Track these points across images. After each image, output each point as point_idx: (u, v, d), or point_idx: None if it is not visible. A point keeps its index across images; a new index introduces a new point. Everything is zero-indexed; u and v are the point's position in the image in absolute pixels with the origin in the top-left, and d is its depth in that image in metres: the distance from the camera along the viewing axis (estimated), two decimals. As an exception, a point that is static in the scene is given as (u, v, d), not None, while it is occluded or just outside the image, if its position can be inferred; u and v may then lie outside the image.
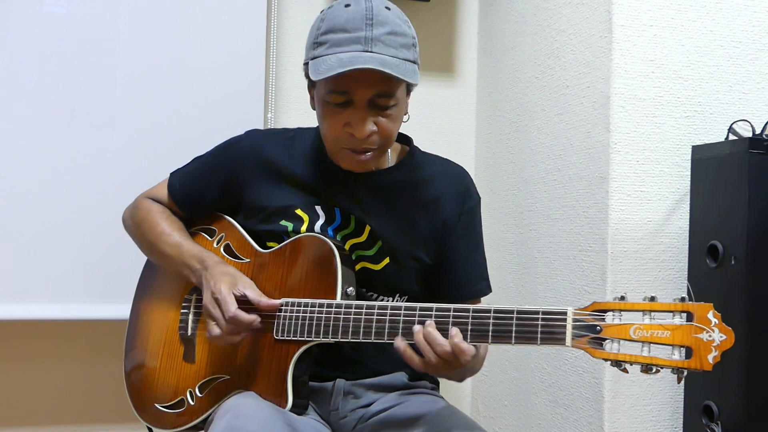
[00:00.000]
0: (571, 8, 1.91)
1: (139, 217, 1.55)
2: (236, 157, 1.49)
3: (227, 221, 1.53)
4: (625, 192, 1.72)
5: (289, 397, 1.30)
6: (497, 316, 1.15)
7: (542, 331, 1.11)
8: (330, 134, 1.35)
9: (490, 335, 1.15)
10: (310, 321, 1.29)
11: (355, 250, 1.43)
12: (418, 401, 1.41)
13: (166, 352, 1.49)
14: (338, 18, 1.29)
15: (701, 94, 1.75)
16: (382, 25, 1.28)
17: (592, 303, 1.09)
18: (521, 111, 2.19)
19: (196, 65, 2.11)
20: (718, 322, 1.01)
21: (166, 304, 1.53)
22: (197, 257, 1.42)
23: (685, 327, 1.02)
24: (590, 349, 1.07)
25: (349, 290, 1.33)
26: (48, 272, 2.02)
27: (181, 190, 1.54)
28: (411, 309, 1.22)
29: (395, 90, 1.32)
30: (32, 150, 2.01)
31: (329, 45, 1.28)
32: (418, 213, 1.45)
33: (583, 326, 1.08)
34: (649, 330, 1.03)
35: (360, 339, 1.26)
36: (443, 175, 1.49)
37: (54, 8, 2.02)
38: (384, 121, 1.33)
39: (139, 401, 1.51)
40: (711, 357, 1.00)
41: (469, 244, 1.49)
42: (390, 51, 1.27)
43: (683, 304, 1.03)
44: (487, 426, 2.31)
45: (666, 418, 1.74)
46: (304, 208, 1.44)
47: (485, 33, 2.47)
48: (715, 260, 1.60)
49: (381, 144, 1.35)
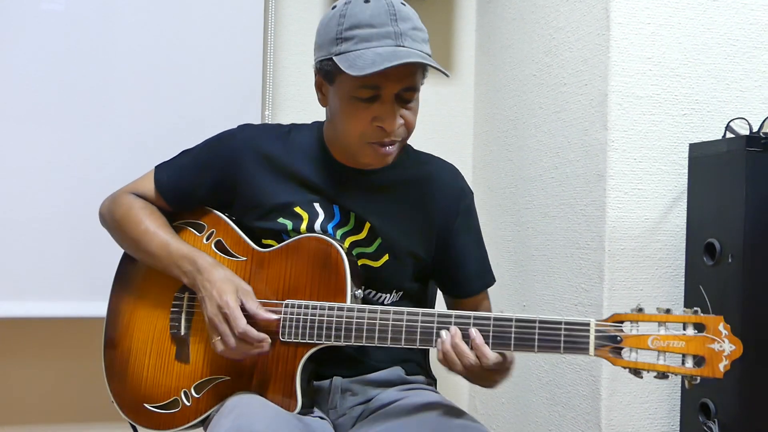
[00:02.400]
0: (569, 6, 1.90)
1: (120, 213, 1.49)
2: (232, 151, 1.46)
3: (217, 216, 1.49)
4: (622, 190, 1.72)
5: (298, 399, 1.29)
6: (520, 324, 1.19)
7: (566, 341, 1.17)
8: (356, 130, 1.34)
9: (513, 343, 1.19)
10: (320, 323, 1.29)
11: (354, 247, 1.43)
12: (416, 397, 1.41)
13: (155, 351, 1.45)
14: (361, 14, 1.29)
15: (698, 92, 1.75)
16: (405, 21, 1.30)
17: (612, 315, 1.16)
18: (519, 109, 2.19)
19: (193, 63, 2.11)
20: (728, 333, 1.10)
21: (152, 302, 1.48)
22: (188, 258, 1.38)
23: (699, 338, 1.11)
24: (611, 357, 1.14)
25: (357, 293, 1.33)
26: (40, 270, 2.02)
27: (169, 184, 1.50)
28: (429, 315, 1.24)
29: (419, 84, 1.36)
30: (26, 147, 2.01)
31: (357, 40, 1.28)
32: (415, 210, 1.46)
33: (604, 336, 1.15)
34: (665, 340, 1.12)
35: (375, 343, 1.26)
36: (437, 175, 1.50)
37: (51, 5, 2.02)
38: (408, 114, 1.35)
39: (125, 401, 1.46)
40: (722, 366, 1.10)
41: (471, 240, 1.51)
42: (418, 45, 1.30)
43: (697, 316, 1.12)
44: (484, 423, 2.31)
45: (663, 416, 1.74)
46: (303, 205, 1.43)
47: (483, 31, 2.47)
48: (713, 258, 1.60)
49: (404, 137, 1.38)
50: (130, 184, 1.55)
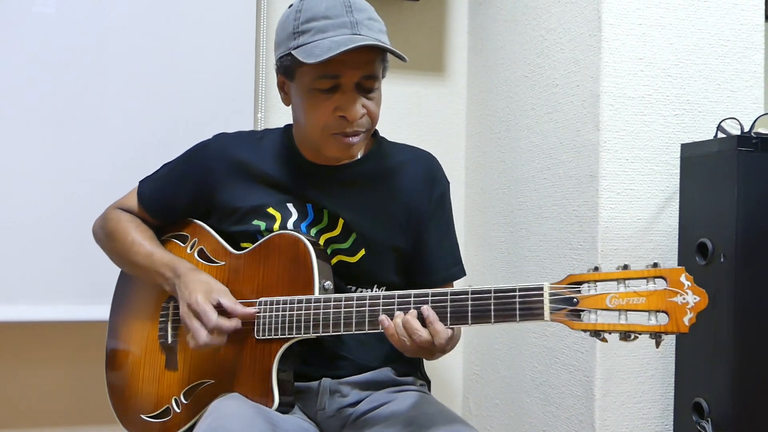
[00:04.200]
0: (560, 7, 1.91)
1: (109, 228, 1.54)
2: (205, 161, 1.49)
3: (198, 226, 1.52)
4: (614, 190, 1.72)
5: (275, 396, 1.30)
6: (475, 297, 1.17)
7: (521, 308, 1.13)
8: (319, 122, 1.35)
9: (470, 316, 1.17)
10: (290, 318, 1.30)
11: (330, 244, 1.43)
12: (405, 399, 1.41)
13: (147, 362, 1.48)
14: (317, 7, 1.31)
15: (690, 93, 1.76)
16: (360, 11, 1.32)
17: (567, 276, 1.10)
18: (511, 110, 2.19)
19: (186, 66, 2.10)
20: (691, 284, 1.03)
21: (143, 315, 1.52)
22: (169, 266, 1.42)
23: (660, 292, 1.04)
24: (568, 321, 1.08)
25: (326, 284, 1.33)
26: (35, 274, 2.01)
27: (150, 197, 1.55)
28: (389, 297, 1.24)
29: (379, 72, 1.36)
30: (19, 150, 1.99)
31: (314, 32, 1.29)
32: (390, 202, 1.47)
33: (560, 299, 1.10)
34: (624, 298, 1.05)
35: (341, 331, 1.26)
36: (411, 163, 1.51)
37: (43, 8, 2.01)
38: (370, 104, 1.36)
39: (125, 413, 1.50)
40: (686, 319, 1.02)
41: (440, 230, 1.51)
42: (374, 35, 1.31)
43: (656, 270, 1.04)
44: (478, 425, 2.32)
45: (656, 416, 1.74)
46: (276, 206, 1.45)
47: (475, 32, 2.47)
48: (705, 258, 1.61)
49: (368, 127, 1.38)
50: (118, 200, 1.59)
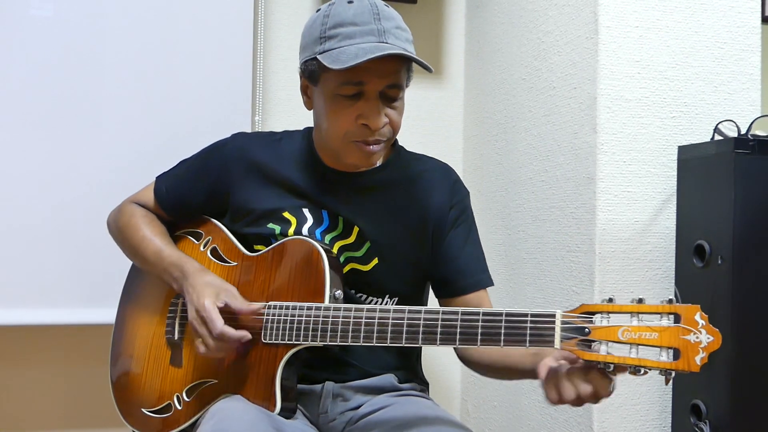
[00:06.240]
0: (558, 10, 1.91)
1: (123, 222, 1.54)
2: (223, 160, 1.49)
3: (213, 224, 1.52)
4: (612, 192, 1.72)
5: (277, 401, 1.29)
6: (486, 318, 1.15)
7: (531, 334, 1.11)
8: (341, 128, 1.33)
9: (479, 338, 1.14)
10: (298, 324, 1.28)
11: (343, 251, 1.42)
12: (405, 403, 1.41)
13: (152, 357, 1.48)
14: (345, 13, 1.30)
15: (687, 95, 1.76)
16: (388, 20, 1.31)
17: (580, 305, 1.09)
18: (508, 112, 2.19)
19: (183, 68, 2.10)
20: (705, 323, 1.01)
21: (151, 309, 1.52)
22: (176, 264, 1.41)
23: (673, 329, 1.02)
24: (579, 351, 1.07)
25: (337, 293, 1.32)
26: (33, 277, 2.00)
27: (167, 194, 1.54)
28: (400, 311, 1.22)
29: (404, 82, 1.35)
30: (17, 154, 1.99)
31: (341, 38, 1.29)
32: (407, 211, 1.45)
33: (571, 328, 1.08)
34: (637, 332, 1.03)
35: (349, 342, 1.25)
36: (430, 173, 1.50)
37: (40, 11, 2.01)
38: (393, 113, 1.35)
39: (126, 406, 1.50)
40: (698, 358, 1.01)
41: (463, 236, 1.48)
42: (401, 44, 1.30)
43: (671, 306, 1.03)
44: (476, 427, 2.32)
45: (654, 418, 1.74)
46: (292, 210, 1.44)
47: (472, 35, 2.47)
48: (702, 260, 1.61)
49: (389, 137, 1.37)
50: (134, 194, 1.59)
